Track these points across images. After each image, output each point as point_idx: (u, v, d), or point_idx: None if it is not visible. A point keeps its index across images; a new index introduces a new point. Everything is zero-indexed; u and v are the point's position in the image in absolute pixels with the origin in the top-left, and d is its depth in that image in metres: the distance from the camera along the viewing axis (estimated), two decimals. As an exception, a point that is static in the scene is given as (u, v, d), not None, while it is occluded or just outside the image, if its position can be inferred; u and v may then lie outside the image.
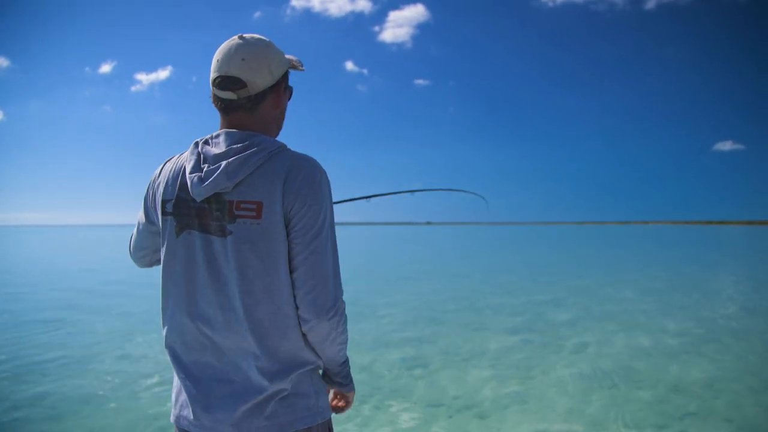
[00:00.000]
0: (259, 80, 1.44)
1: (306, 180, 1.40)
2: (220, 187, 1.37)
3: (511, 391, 5.71)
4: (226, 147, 1.40)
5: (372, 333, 8.62)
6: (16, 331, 8.91)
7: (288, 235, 1.41)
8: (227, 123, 1.49)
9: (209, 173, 1.39)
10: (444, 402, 5.38)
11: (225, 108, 1.48)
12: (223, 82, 1.45)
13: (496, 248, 41.96)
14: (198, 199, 1.41)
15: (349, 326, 1.59)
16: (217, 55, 1.47)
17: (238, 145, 1.40)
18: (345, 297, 1.57)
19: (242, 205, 1.38)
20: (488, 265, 24.45)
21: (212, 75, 1.47)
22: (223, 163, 1.38)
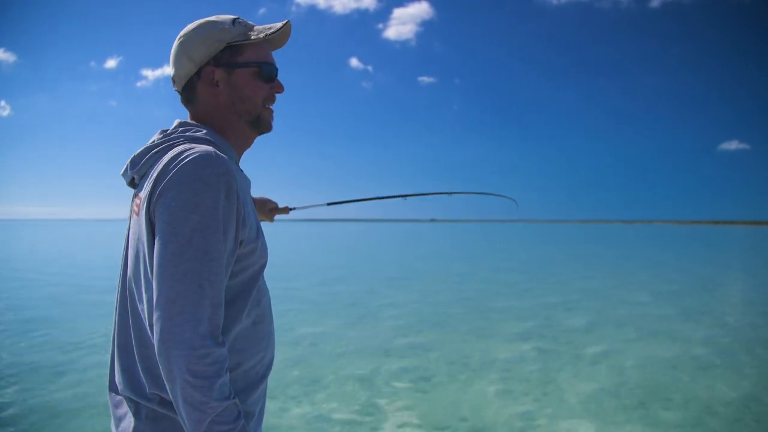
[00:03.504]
0: (181, 71, 1.35)
1: (170, 180, 1.18)
2: (126, 176, 1.35)
3: (526, 410, 5.08)
4: (155, 139, 1.35)
5: (372, 339, 8.01)
6: (-9, 333, 8.33)
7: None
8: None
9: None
10: (451, 424, 4.76)
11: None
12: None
13: (500, 246, 41.29)
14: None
15: (348, 331, 1.00)
16: None
17: (160, 136, 1.33)
18: (344, 296, 0.96)
19: (135, 199, 1.30)
20: (493, 264, 23.79)
21: None
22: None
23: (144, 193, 1.22)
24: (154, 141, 1.32)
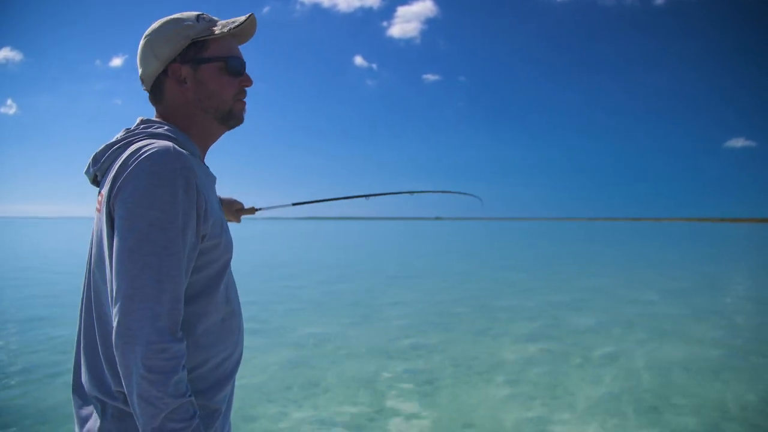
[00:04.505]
0: (148, 69, 1.36)
1: (127, 176, 1.17)
2: (89, 173, 1.34)
3: (534, 416, 4.91)
4: (118, 137, 1.33)
5: (375, 339, 7.85)
6: (-11, 333, 8.21)
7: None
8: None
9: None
10: (455, 430, 4.59)
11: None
12: None
13: (505, 245, 41.08)
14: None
15: (351, 331, 0.87)
16: None
17: (123, 134, 1.31)
18: (346, 296, 0.80)
19: (98, 196, 1.31)
20: (498, 262, 23.60)
21: None
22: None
23: (105, 189, 1.21)
24: (116, 138, 1.31)
